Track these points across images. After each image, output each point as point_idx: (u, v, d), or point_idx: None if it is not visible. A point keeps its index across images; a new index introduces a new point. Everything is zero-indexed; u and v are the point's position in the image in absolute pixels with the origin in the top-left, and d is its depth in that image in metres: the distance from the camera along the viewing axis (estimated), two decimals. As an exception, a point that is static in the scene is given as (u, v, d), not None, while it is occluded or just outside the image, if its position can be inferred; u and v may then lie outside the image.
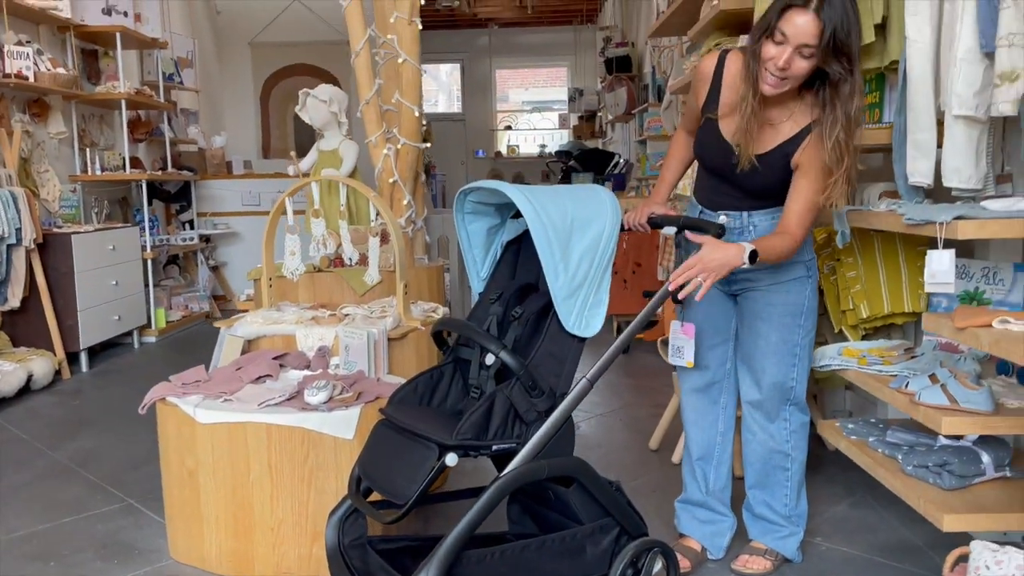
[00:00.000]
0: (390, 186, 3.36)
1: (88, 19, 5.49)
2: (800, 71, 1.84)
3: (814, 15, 1.76)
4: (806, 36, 1.78)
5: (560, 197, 1.85)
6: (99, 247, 5.07)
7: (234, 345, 2.76)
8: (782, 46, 1.81)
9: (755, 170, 2.00)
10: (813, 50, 1.79)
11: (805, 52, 1.80)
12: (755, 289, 2.12)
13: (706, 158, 2.12)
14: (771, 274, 2.08)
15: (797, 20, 1.78)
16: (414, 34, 3.16)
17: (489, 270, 2.09)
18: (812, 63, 1.83)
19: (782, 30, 1.80)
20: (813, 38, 1.77)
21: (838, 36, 1.78)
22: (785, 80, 1.86)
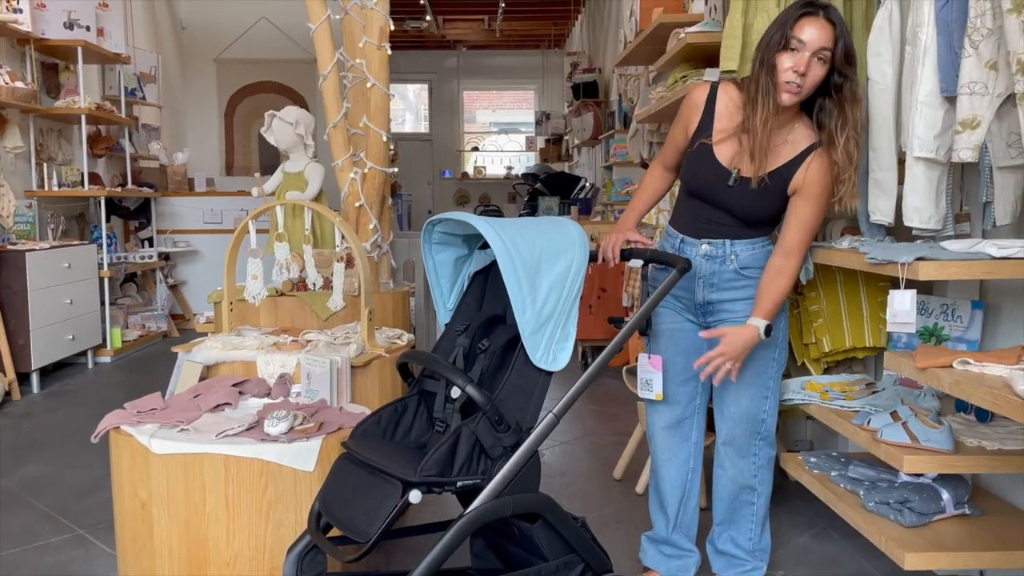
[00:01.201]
0: (356, 210, 3.33)
1: (49, 33, 5.39)
2: (815, 78, 1.88)
3: (827, 21, 1.85)
4: (823, 41, 1.85)
5: (528, 230, 1.85)
6: (54, 265, 4.94)
7: (192, 371, 2.70)
8: (798, 53, 1.86)
9: (751, 193, 1.99)
10: (829, 54, 1.86)
11: (823, 56, 1.86)
12: (731, 321, 2.11)
13: (695, 183, 2.10)
14: (748, 306, 2.07)
15: (813, 27, 1.85)
16: (383, 59, 3.15)
17: (456, 301, 2.07)
18: (825, 70, 1.88)
19: (798, 38, 1.86)
20: (829, 42, 1.85)
21: (847, 40, 1.87)
22: (801, 89, 1.89)
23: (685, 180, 2.15)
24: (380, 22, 3.12)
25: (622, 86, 6.64)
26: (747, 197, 2.01)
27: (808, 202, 1.98)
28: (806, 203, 1.98)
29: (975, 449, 1.82)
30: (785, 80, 1.89)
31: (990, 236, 2.03)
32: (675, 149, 2.20)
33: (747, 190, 2.00)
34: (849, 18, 2.51)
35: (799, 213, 1.98)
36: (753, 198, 2.01)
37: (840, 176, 1.96)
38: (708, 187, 2.06)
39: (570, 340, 1.85)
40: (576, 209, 7.92)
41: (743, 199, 2.02)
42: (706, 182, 2.06)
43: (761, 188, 1.99)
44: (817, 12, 1.87)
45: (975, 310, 2.21)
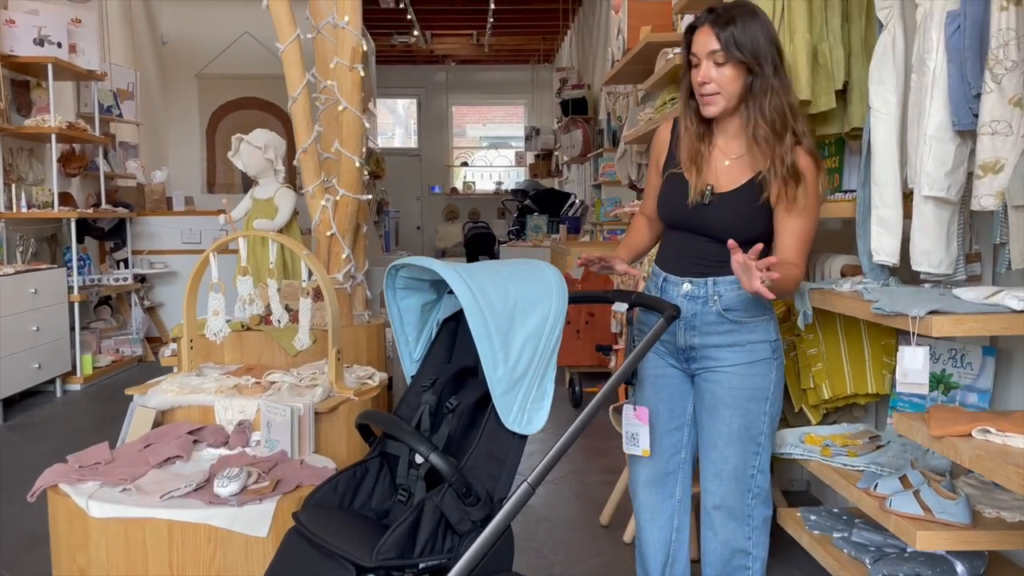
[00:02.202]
0: (328, 239, 3.15)
1: (18, 49, 5.21)
2: (724, 79, 1.82)
3: (708, 26, 1.82)
4: (709, 44, 1.81)
5: (500, 277, 1.67)
6: (19, 291, 4.73)
7: (144, 418, 2.51)
8: (698, 66, 1.85)
9: (727, 207, 1.87)
10: (721, 54, 1.80)
11: (717, 59, 1.81)
12: (717, 370, 1.92)
13: (671, 213, 1.97)
14: (735, 353, 1.91)
15: (698, 37, 1.85)
16: (355, 81, 2.98)
17: (423, 351, 1.89)
18: (731, 69, 1.81)
19: (693, 52, 1.86)
20: (715, 43, 1.80)
21: (737, 37, 1.79)
22: (717, 95, 1.83)
23: (662, 214, 2.01)
24: (352, 42, 2.95)
25: (610, 104, 6.50)
26: (724, 212, 1.87)
27: (795, 215, 1.82)
28: (795, 216, 1.82)
29: (994, 521, 1.65)
30: (700, 94, 1.86)
31: (1004, 281, 1.87)
32: (654, 192, 2.05)
33: (723, 205, 1.87)
34: (847, 41, 2.36)
35: (788, 226, 1.83)
36: (730, 212, 1.87)
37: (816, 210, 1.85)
38: (684, 211, 1.92)
39: (547, 399, 1.67)
40: (565, 228, 7.77)
41: (720, 215, 1.87)
42: (678, 206, 1.93)
43: (731, 201, 1.86)
44: (701, 23, 1.85)
45: (986, 356, 2.05)
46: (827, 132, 2.46)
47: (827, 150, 2.66)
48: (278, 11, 2.99)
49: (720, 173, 1.89)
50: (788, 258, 1.81)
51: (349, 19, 2.95)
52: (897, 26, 1.94)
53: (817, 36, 2.32)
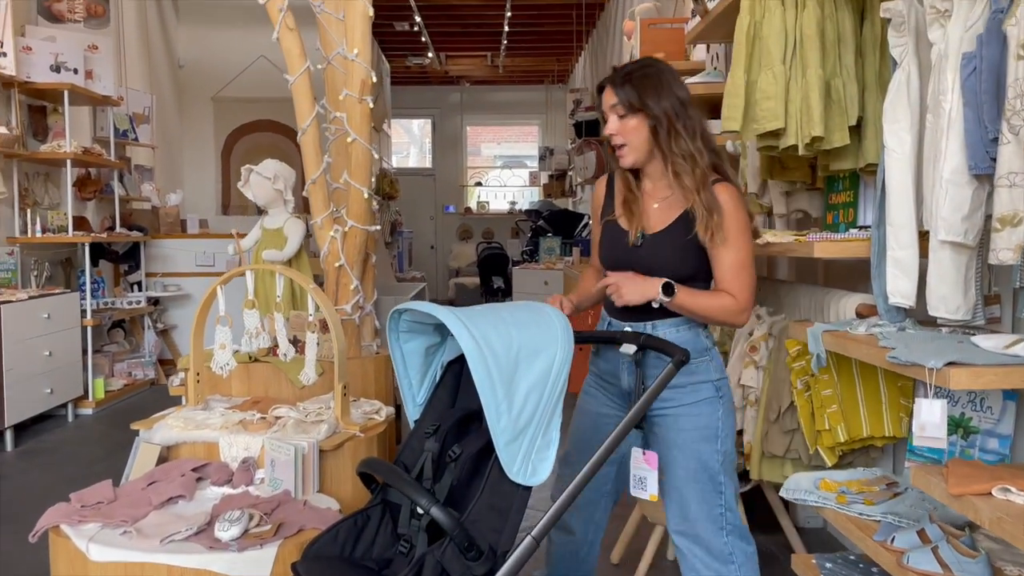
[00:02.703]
0: (336, 270, 3.13)
1: (35, 76, 5.26)
2: (627, 130, 1.93)
3: (608, 85, 1.96)
4: (609, 100, 1.95)
5: (503, 322, 1.63)
6: (32, 316, 4.75)
7: (149, 455, 2.48)
8: (608, 123, 1.97)
9: (654, 247, 1.95)
10: (621, 108, 1.92)
11: (618, 112, 1.93)
12: (663, 413, 1.95)
13: (609, 257, 2.06)
14: (677, 394, 1.92)
15: (603, 97, 1.98)
16: (364, 113, 2.97)
17: (427, 395, 1.86)
18: (633, 120, 1.92)
19: (601, 110, 2.00)
20: (614, 97, 1.93)
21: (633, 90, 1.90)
22: (625, 146, 1.95)
23: (603, 259, 2.10)
24: (362, 74, 2.94)
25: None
26: (656, 251, 1.95)
27: (726, 245, 1.88)
28: (724, 246, 1.89)
29: (1017, 580, 1.58)
30: (611, 146, 1.99)
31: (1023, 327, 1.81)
32: (597, 241, 2.15)
33: (655, 246, 1.95)
34: (861, 76, 2.32)
35: (720, 256, 1.90)
36: (662, 251, 1.95)
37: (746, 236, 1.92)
38: (618, 254, 2.02)
39: (552, 448, 1.63)
40: (578, 250, 7.72)
41: (653, 254, 1.95)
42: (615, 250, 2.03)
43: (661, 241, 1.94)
44: (604, 84, 1.99)
45: (1007, 401, 1.99)
46: (841, 167, 2.42)
47: (840, 184, 2.61)
48: (288, 43, 2.99)
49: (650, 215, 1.98)
50: (723, 289, 1.90)
51: (359, 51, 2.95)
52: (912, 64, 1.90)
53: (830, 71, 2.28)
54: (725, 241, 1.88)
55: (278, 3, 2.92)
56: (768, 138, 2.37)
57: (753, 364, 2.62)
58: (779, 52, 2.30)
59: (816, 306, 2.47)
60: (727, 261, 1.89)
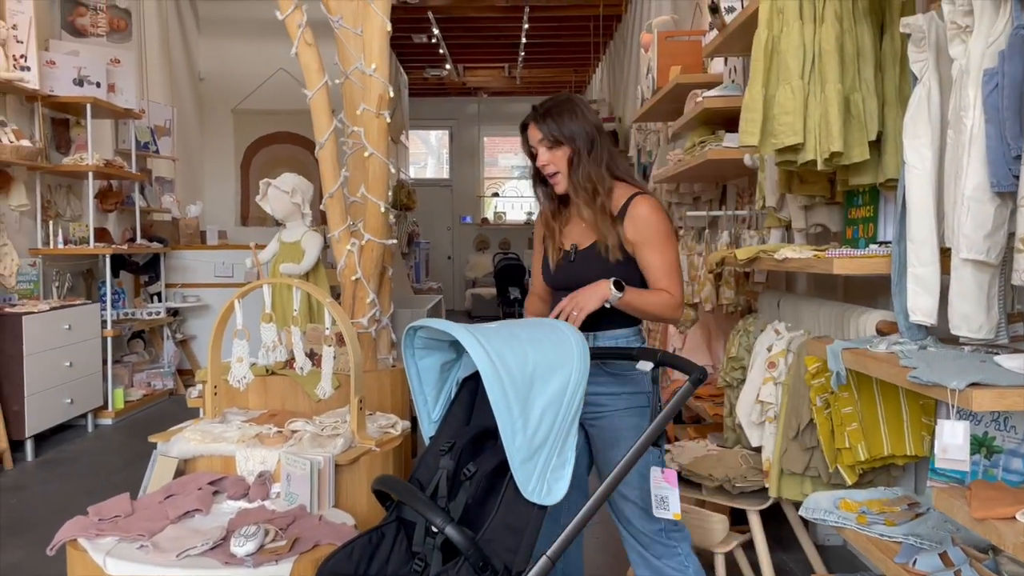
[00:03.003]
0: (353, 283, 3.14)
1: (58, 89, 5.33)
2: (557, 160, 2.13)
3: (532, 124, 2.15)
4: (536, 136, 2.14)
5: (519, 340, 1.63)
6: (53, 327, 4.80)
7: (166, 467, 2.50)
8: (538, 154, 2.15)
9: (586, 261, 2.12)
10: (548, 141, 2.12)
11: (546, 144, 2.13)
12: (601, 415, 2.09)
13: (551, 276, 2.23)
14: (615, 400, 2.07)
15: (528, 134, 2.17)
16: (382, 127, 2.98)
17: (442, 411, 1.85)
18: (560, 150, 2.12)
19: (530, 146, 2.17)
20: (539, 132, 2.13)
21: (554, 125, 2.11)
22: (558, 173, 2.14)
23: (546, 280, 2.26)
24: (379, 89, 2.96)
25: (640, 140, 6.46)
26: (587, 265, 2.11)
27: (648, 246, 2.08)
28: (647, 248, 2.08)
29: (1043, 605, 1.55)
30: (546, 175, 2.17)
31: (1050, 344, 1.78)
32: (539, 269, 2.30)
33: (586, 260, 2.12)
34: (880, 90, 2.30)
35: (647, 260, 2.09)
36: (591, 264, 2.11)
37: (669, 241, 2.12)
38: (559, 273, 2.18)
39: (568, 467, 1.62)
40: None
41: (585, 268, 2.11)
42: (555, 267, 2.20)
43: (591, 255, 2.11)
44: (528, 121, 2.17)
45: (1032, 420, 1.95)
46: (861, 182, 2.39)
47: (860, 199, 2.59)
48: (307, 58, 3.01)
49: (579, 233, 2.17)
50: (657, 282, 2.09)
51: (376, 66, 2.97)
52: (932, 79, 1.88)
53: (849, 86, 2.26)
54: (653, 248, 2.08)
55: (297, 18, 2.94)
56: (786, 153, 2.35)
57: (772, 380, 2.59)
58: (797, 67, 2.28)
59: (835, 322, 2.45)
60: (657, 264, 2.08)
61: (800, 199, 2.85)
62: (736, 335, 3.02)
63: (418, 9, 8.45)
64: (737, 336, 3.01)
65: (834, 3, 2.27)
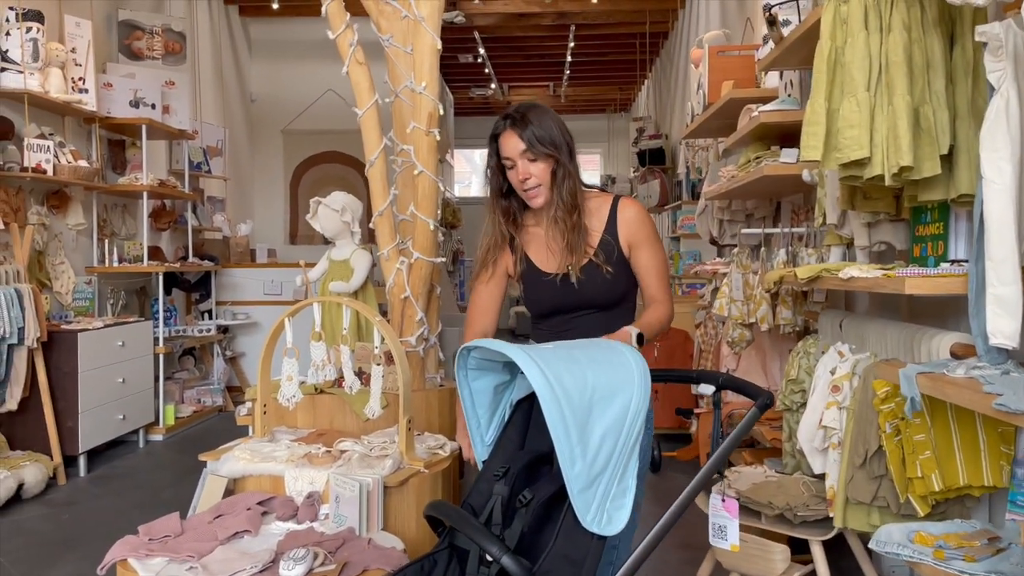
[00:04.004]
0: (401, 302, 3.11)
1: (115, 111, 5.46)
2: (540, 172, 1.97)
3: (511, 130, 1.96)
4: (517, 146, 1.95)
5: (577, 362, 1.57)
6: (107, 344, 4.88)
7: (216, 487, 2.48)
8: (514, 167, 1.98)
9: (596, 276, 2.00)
10: (530, 152, 1.95)
11: (529, 156, 1.96)
12: None
13: (549, 302, 2.07)
14: None
15: (505, 142, 1.97)
16: (431, 145, 2.96)
17: (495, 434, 1.80)
18: (543, 162, 1.97)
19: (504, 156, 1.98)
20: (522, 143, 1.95)
21: (537, 134, 1.95)
22: (539, 187, 1.99)
23: (536, 305, 2.10)
24: (429, 107, 2.94)
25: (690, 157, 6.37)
26: (597, 281, 2.01)
27: (644, 246, 2.03)
28: (644, 248, 2.03)
29: None
30: (523, 191, 2.00)
31: None
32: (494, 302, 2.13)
33: (592, 277, 2.01)
34: (951, 102, 2.20)
35: (643, 261, 2.03)
36: (596, 281, 2.01)
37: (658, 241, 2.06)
38: (556, 296, 2.04)
39: (629, 496, 1.55)
40: (642, 281, 7.61)
41: (596, 285, 2.01)
42: (552, 293, 2.05)
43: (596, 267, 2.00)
44: (503, 127, 1.98)
45: (1124, 451, 1.82)
46: (931, 198, 2.29)
47: (928, 215, 2.48)
48: (357, 77, 3.01)
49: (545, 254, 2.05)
50: (654, 293, 2.03)
51: (427, 84, 2.95)
52: (1011, 89, 1.78)
53: (919, 98, 2.16)
54: (649, 248, 2.02)
55: (348, 38, 2.95)
56: (851, 168, 2.26)
57: (836, 404, 2.49)
58: (863, 78, 2.19)
59: (904, 344, 2.34)
60: (653, 265, 2.03)
61: (863, 216, 2.75)
62: (796, 357, 2.92)
63: (465, 29, 8.50)
64: (797, 358, 2.90)
65: (901, 12, 2.18)
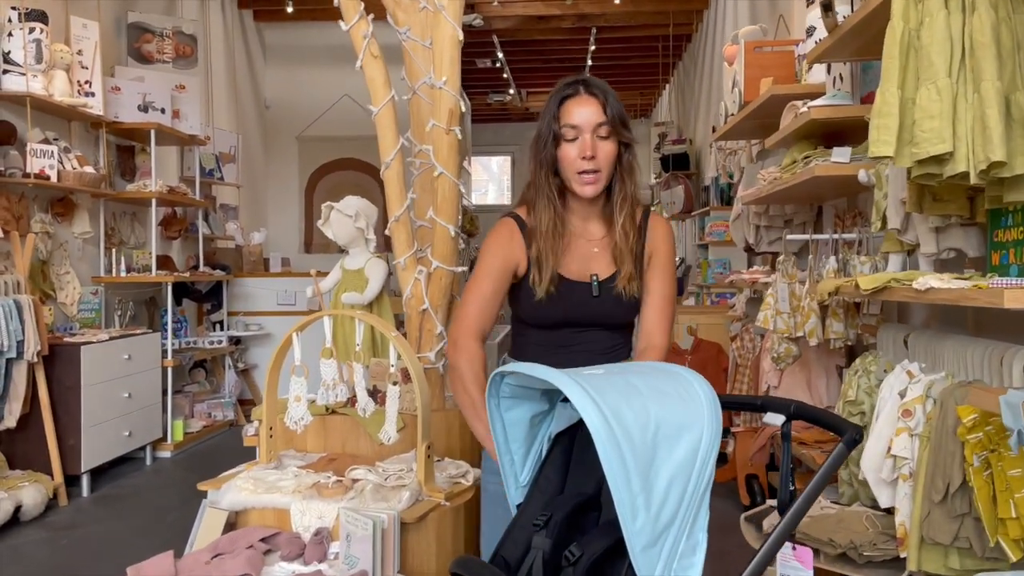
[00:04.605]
0: (419, 314, 2.87)
1: (123, 116, 5.27)
2: (606, 155, 1.72)
3: (591, 97, 1.70)
4: (595, 116, 1.70)
5: (636, 394, 1.30)
6: (112, 357, 4.67)
7: (215, 521, 2.24)
8: (577, 139, 1.70)
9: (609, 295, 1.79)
10: (606, 126, 1.70)
11: (602, 132, 1.70)
12: None
13: (561, 311, 1.79)
14: None
15: (580, 108, 1.70)
16: (452, 144, 2.72)
17: (531, 474, 1.55)
18: (612, 144, 1.72)
19: (570, 124, 1.70)
20: (600, 114, 1.70)
21: (616, 109, 1.71)
22: (598, 173, 1.72)
23: (541, 313, 1.79)
24: (450, 103, 2.71)
25: (720, 160, 6.11)
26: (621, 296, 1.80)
27: (661, 269, 1.83)
28: (660, 271, 1.83)
29: None
30: (578, 170, 1.71)
31: None
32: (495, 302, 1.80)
33: (609, 293, 1.80)
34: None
35: (656, 286, 1.82)
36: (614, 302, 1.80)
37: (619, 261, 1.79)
38: (574, 308, 1.80)
39: (699, 553, 1.29)
40: (668, 290, 7.32)
41: (619, 300, 1.80)
42: (570, 304, 1.79)
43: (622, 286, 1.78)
44: (577, 90, 1.72)
45: None
46: (1017, 199, 2.02)
47: (1010, 218, 2.20)
48: (372, 72, 2.79)
49: (592, 259, 1.81)
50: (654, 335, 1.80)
51: (447, 79, 2.71)
52: None
53: (1008, 85, 1.90)
54: (664, 272, 1.83)
55: (362, 29, 2.72)
56: (929, 164, 1.99)
57: (907, 431, 2.21)
58: (944, 63, 1.93)
59: (989, 364, 2.06)
60: (663, 293, 1.82)
61: (931, 220, 2.47)
62: (854, 376, 2.64)
63: (483, 32, 8.29)
64: (855, 377, 2.63)
65: (987, -12, 1.93)
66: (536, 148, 1.76)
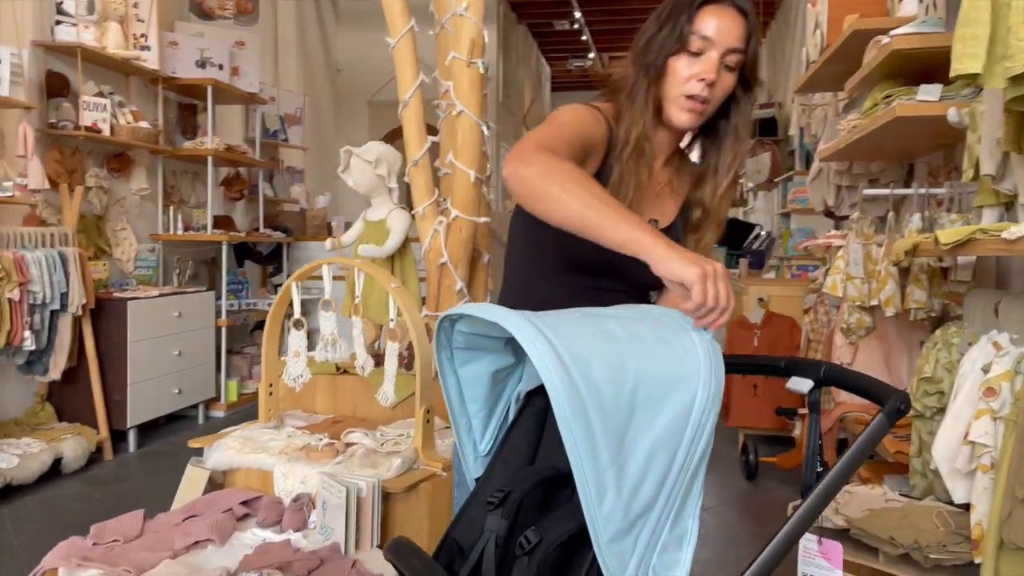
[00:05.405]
0: (438, 269, 2.63)
1: (180, 71, 5.21)
2: (724, 88, 1.39)
3: (736, 12, 1.36)
4: (734, 38, 1.36)
5: (613, 341, 1.01)
6: (161, 313, 4.64)
7: (196, 480, 2.08)
8: (703, 56, 1.36)
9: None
10: (740, 57, 1.37)
11: (731, 61, 1.37)
12: None
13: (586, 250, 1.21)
14: None
15: (721, 19, 1.35)
16: (474, 79, 2.46)
17: (492, 440, 1.28)
18: (732, 80, 1.39)
19: (702, 34, 1.35)
20: (741, 40, 1.36)
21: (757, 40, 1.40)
22: (707, 105, 1.39)
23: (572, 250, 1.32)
24: (471, 32, 2.43)
25: (804, 118, 5.60)
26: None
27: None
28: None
29: None
30: (686, 93, 1.37)
31: None
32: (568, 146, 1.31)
33: None
34: None
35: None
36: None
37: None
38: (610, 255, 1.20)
39: (686, 547, 1.01)
40: (746, 262, 6.86)
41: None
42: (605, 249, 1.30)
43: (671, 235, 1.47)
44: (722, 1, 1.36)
45: None
46: None
47: None
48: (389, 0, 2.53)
49: (655, 204, 1.50)
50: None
51: (469, 4, 2.44)
52: None
53: None
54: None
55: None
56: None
57: (990, 413, 1.83)
58: (1050, -48, 1.54)
59: (1099, 334, 1.66)
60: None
61: (1034, 162, 2.05)
62: (933, 348, 2.25)
63: (559, -10, 7.94)
64: (934, 350, 2.23)
65: None
66: (645, 49, 1.39)
